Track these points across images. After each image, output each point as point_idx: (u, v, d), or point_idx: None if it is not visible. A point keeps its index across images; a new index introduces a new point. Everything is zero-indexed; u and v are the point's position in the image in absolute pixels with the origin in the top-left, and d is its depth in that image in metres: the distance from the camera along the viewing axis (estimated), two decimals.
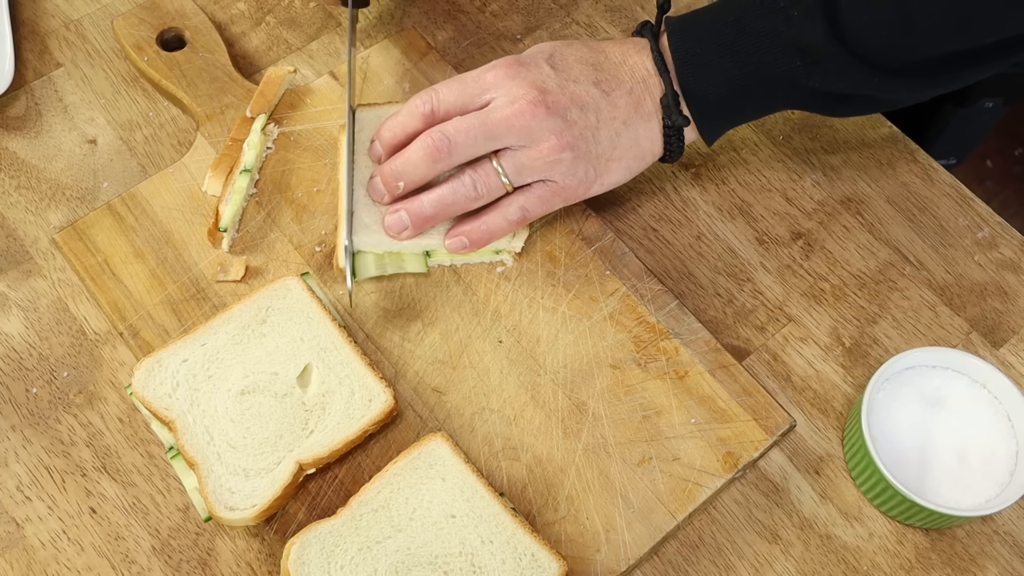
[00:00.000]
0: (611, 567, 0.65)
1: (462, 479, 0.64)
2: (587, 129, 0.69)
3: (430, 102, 0.70)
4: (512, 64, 0.69)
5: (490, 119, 0.68)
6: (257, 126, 0.77)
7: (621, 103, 0.70)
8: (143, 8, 0.84)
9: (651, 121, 0.71)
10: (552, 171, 0.69)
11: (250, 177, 0.75)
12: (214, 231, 0.74)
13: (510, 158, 0.69)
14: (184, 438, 0.65)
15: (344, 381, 0.67)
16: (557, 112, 0.68)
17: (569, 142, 0.68)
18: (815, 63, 0.67)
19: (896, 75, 0.68)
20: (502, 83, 0.69)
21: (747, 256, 0.78)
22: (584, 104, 0.69)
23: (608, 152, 0.70)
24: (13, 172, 0.79)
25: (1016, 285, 0.77)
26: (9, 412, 0.70)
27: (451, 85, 0.70)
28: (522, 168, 0.69)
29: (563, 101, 0.68)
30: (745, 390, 0.70)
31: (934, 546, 0.68)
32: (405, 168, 0.70)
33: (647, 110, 0.71)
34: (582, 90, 0.69)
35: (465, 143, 0.68)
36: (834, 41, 0.66)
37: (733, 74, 0.69)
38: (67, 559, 0.66)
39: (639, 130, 0.71)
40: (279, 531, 0.65)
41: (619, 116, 0.70)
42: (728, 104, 0.71)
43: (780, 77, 0.69)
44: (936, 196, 0.81)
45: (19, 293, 0.74)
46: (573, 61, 0.70)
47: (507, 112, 0.67)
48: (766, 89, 0.70)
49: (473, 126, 0.68)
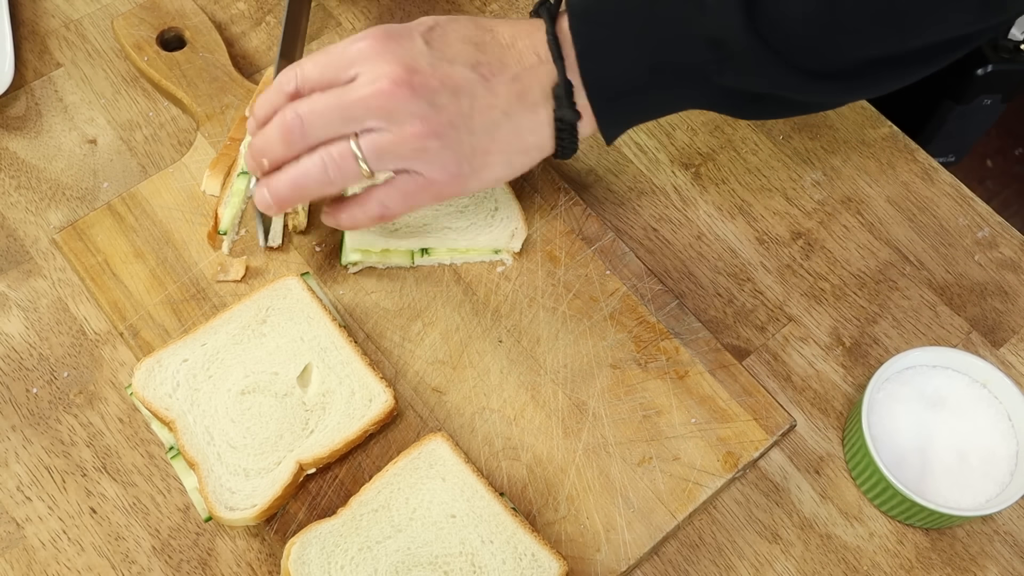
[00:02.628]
0: (611, 567, 0.65)
1: (462, 479, 0.64)
2: (458, 116, 0.62)
3: (294, 79, 0.64)
4: (382, 36, 0.62)
5: (347, 98, 0.61)
6: (253, 127, 0.77)
7: (502, 90, 0.63)
8: (143, 8, 0.84)
9: (537, 112, 0.64)
10: (417, 160, 0.63)
11: (248, 179, 0.75)
12: (214, 234, 0.74)
13: (368, 140, 0.62)
14: (184, 438, 0.65)
15: (344, 381, 0.68)
16: (424, 95, 0.61)
17: (435, 129, 0.62)
18: (729, 58, 0.61)
19: (815, 77, 0.62)
20: (368, 58, 0.62)
21: (747, 256, 0.78)
22: (457, 88, 0.62)
23: (485, 144, 0.64)
24: (13, 172, 0.79)
25: (1016, 285, 0.77)
26: (9, 412, 0.70)
27: (317, 59, 0.64)
28: (382, 152, 0.62)
29: (432, 83, 0.62)
30: (745, 390, 0.70)
31: (934, 546, 0.68)
32: (265, 146, 0.64)
33: (533, 99, 0.64)
34: (457, 72, 0.62)
35: (319, 124, 0.62)
36: (751, 34, 0.60)
37: (639, 65, 0.63)
38: (67, 559, 0.66)
39: (521, 121, 0.64)
40: (279, 531, 0.65)
41: (498, 105, 0.63)
42: (632, 99, 0.65)
43: (690, 71, 0.63)
44: (936, 196, 0.81)
45: (19, 293, 0.74)
46: (454, 38, 0.64)
47: (367, 91, 0.61)
48: (675, 84, 0.64)
49: (329, 106, 0.62)
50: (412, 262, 0.74)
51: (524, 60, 0.64)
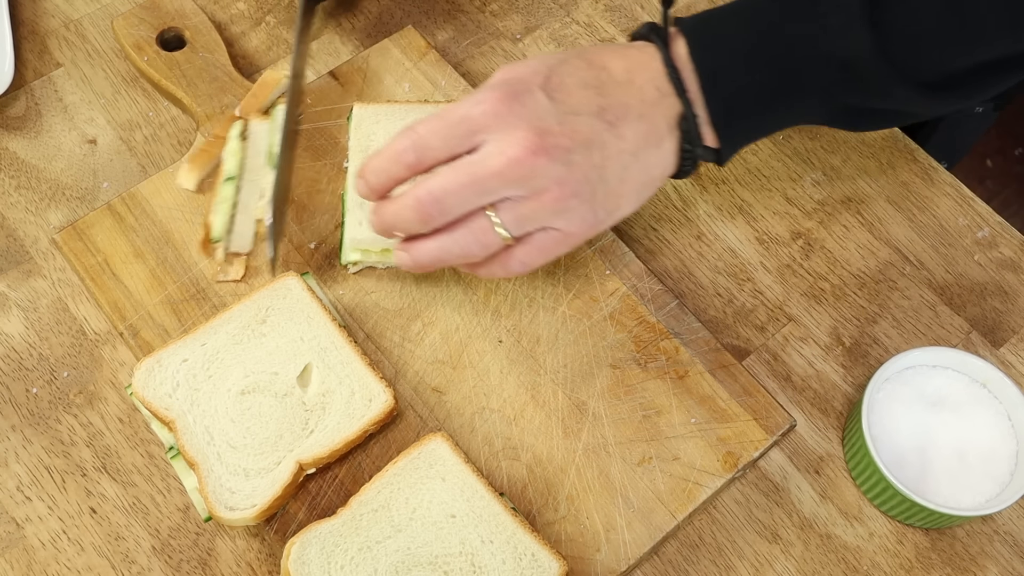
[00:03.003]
0: (611, 567, 0.65)
1: (462, 479, 0.64)
2: (592, 170, 0.61)
3: (413, 150, 0.61)
4: (504, 98, 0.60)
5: (482, 172, 0.59)
6: (234, 133, 0.76)
7: (629, 134, 0.62)
8: (143, 8, 0.84)
9: (662, 145, 0.63)
10: (556, 220, 0.62)
11: (235, 185, 0.75)
12: (207, 243, 0.73)
13: (508, 211, 0.61)
14: (184, 438, 0.65)
15: (344, 381, 0.67)
16: (558, 157, 0.59)
17: (573, 189, 0.60)
18: (855, 77, 0.60)
19: (933, 88, 0.62)
20: (493, 124, 0.59)
21: (747, 256, 0.78)
22: (588, 141, 0.60)
23: (616, 188, 0.62)
24: (13, 172, 0.79)
25: (1016, 285, 0.77)
26: (9, 412, 0.70)
27: (435, 127, 0.60)
28: (522, 220, 0.61)
29: (564, 142, 0.60)
30: (745, 390, 0.70)
31: (934, 546, 0.68)
32: (398, 222, 0.63)
33: (658, 135, 0.63)
34: (584, 124, 0.60)
35: (456, 203, 0.60)
36: (878, 54, 0.59)
37: (764, 90, 0.62)
38: (67, 559, 0.66)
39: (649, 159, 0.63)
40: (279, 531, 0.65)
41: (627, 148, 0.62)
42: (752, 120, 0.64)
43: (813, 91, 0.62)
44: (936, 196, 0.81)
45: (19, 293, 0.74)
46: (573, 85, 0.61)
47: (500, 162, 0.59)
48: (795, 104, 0.63)
49: (464, 184, 0.59)
50: None
51: (645, 96, 0.62)
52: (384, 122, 0.76)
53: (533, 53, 0.87)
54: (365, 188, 0.64)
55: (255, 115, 0.78)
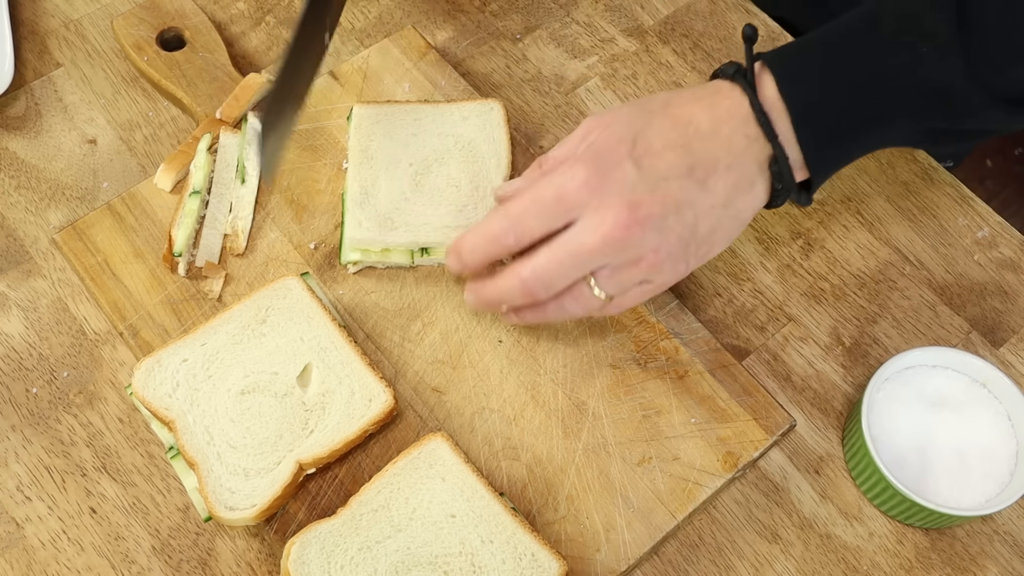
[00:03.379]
0: (611, 567, 0.65)
1: (462, 479, 0.64)
2: (685, 230, 0.62)
3: (512, 233, 0.62)
4: (593, 171, 0.61)
5: (580, 250, 0.61)
6: (202, 147, 0.76)
7: (719, 187, 0.62)
8: (143, 8, 0.84)
9: (753, 189, 0.64)
10: (651, 277, 0.64)
11: (200, 199, 0.75)
12: (169, 256, 0.73)
13: (607, 279, 0.63)
14: (184, 438, 0.65)
15: (344, 381, 0.67)
16: (652, 226, 0.61)
17: (668, 252, 0.62)
18: (946, 103, 0.61)
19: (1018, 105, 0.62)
20: (586, 200, 0.61)
21: (747, 256, 0.78)
22: (679, 205, 0.61)
23: (708, 237, 0.64)
24: (13, 172, 0.79)
25: (1016, 285, 0.77)
26: (9, 412, 0.70)
27: (528, 207, 0.62)
28: (620, 284, 0.63)
29: (657, 211, 0.61)
30: (745, 390, 0.70)
31: (934, 546, 0.68)
32: (503, 298, 0.65)
33: (749, 180, 0.63)
34: (675, 188, 0.61)
35: (558, 279, 0.62)
36: (970, 79, 0.59)
37: (853, 122, 0.62)
38: (67, 559, 0.66)
39: (740, 205, 0.64)
40: (279, 531, 0.65)
41: (718, 202, 0.63)
42: (842, 151, 0.65)
43: (904, 118, 0.62)
44: (936, 196, 0.81)
45: (19, 293, 0.74)
46: (660, 148, 0.62)
47: (596, 240, 0.60)
48: (885, 131, 0.64)
49: (564, 263, 0.61)
50: (412, 262, 0.74)
51: (734, 145, 0.63)
52: (384, 122, 0.77)
53: (533, 53, 0.87)
54: (459, 265, 0.66)
55: (227, 128, 0.78)
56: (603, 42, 0.88)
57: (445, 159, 0.76)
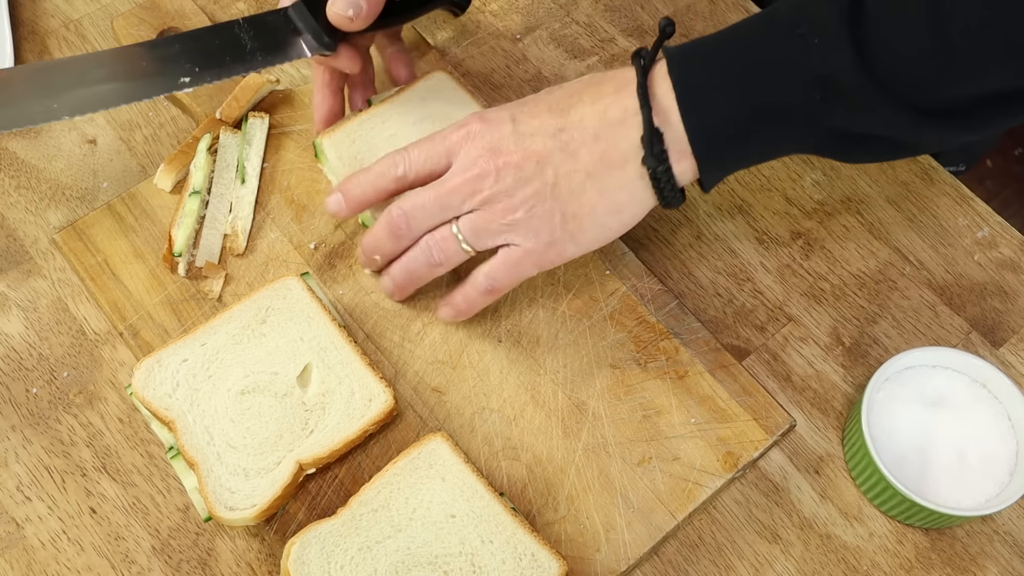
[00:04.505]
0: (611, 567, 0.65)
1: (462, 479, 0.64)
2: (543, 186, 0.64)
3: (402, 165, 0.68)
4: (475, 121, 0.66)
5: (443, 189, 0.66)
6: (202, 147, 0.76)
7: (583, 154, 0.64)
8: (143, 8, 0.84)
9: (625, 168, 0.64)
10: (511, 233, 0.65)
11: (200, 199, 0.75)
12: (169, 256, 0.73)
13: (466, 221, 0.66)
14: (184, 438, 0.65)
15: (344, 381, 0.68)
16: (508, 172, 0.64)
17: (521, 201, 0.64)
18: (837, 96, 0.59)
19: (928, 115, 0.59)
20: (461, 146, 0.66)
21: (747, 256, 0.78)
22: (540, 159, 0.64)
23: (573, 209, 0.65)
24: (13, 172, 0.79)
25: (1016, 285, 0.77)
26: (9, 412, 0.70)
27: (422, 147, 0.67)
28: (478, 231, 0.66)
29: (515, 159, 0.64)
30: (745, 390, 0.70)
31: (934, 546, 0.68)
32: (375, 244, 0.70)
33: (619, 156, 0.64)
34: (539, 144, 0.65)
35: (422, 217, 0.67)
36: (861, 71, 0.58)
37: (741, 109, 0.61)
38: (67, 559, 0.66)
39: (607, 181, 0.64)
40: (279, 531, 0.65)
41: (580, 168, 0.64)
42: (734, 144, 0.63)
43: (796, 113, 0.61)
44: (936, 196, 0.81)
45: (19, 293, 0.74)
46: (542, 110, 0.66)
47: (458, 180, 0.65)
48: (778, 127, 0.62)
49: (428, 199, 0.66)
50: None
51: (609, 116, 0.64)
52: (360, 140, 0.75)
53: (533, 53, 0.87)
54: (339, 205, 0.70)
55: (227, 128, 0.78)
56: (603, 42, 0.88)
57: None
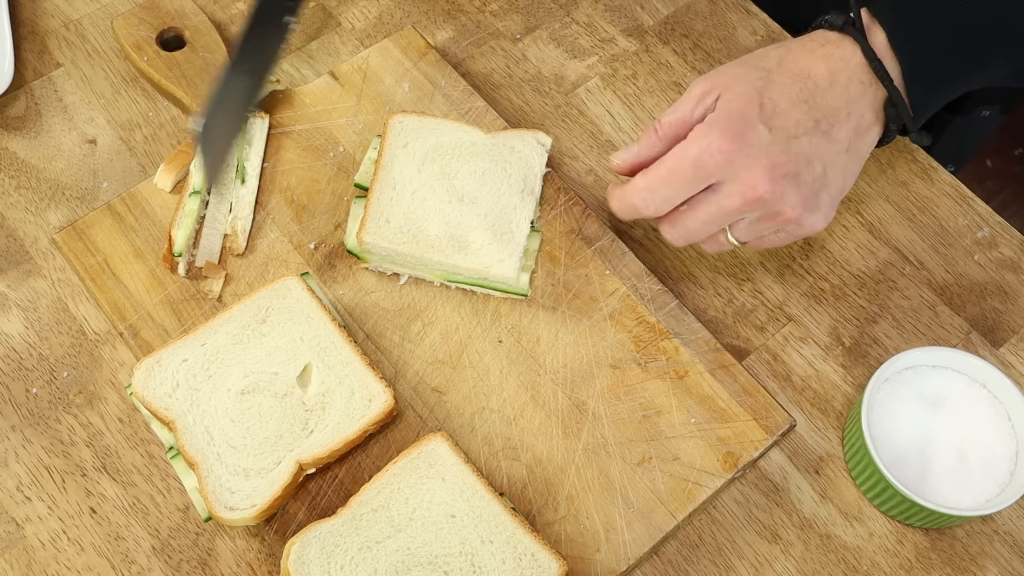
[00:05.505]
0: (611, 567, 0.65)
1: (462, 479, 0.64)
2: (817, 180, 0.67)
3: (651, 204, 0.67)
4: (732, 139, 0.64)
5: (723, 212, 0.66)
6: None
7: (842, 135, 0.67)
8: (143, 8, 0.84)
9: (871, 131, 0.69)
10: (787, 227, 0.68)
11: (200, 199, 0.75)
12: (169, 256, 0.73)
13: (743, 230, 0.68)
14: (184, 438, 0.65)
15: (344, 381, 0.67)
16: (789, 184, 0.65)
17: (803, 203, 0.66)
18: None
19: None
20: (726, 168, 0.64)
21: (747, 256, 0.78)
22: (810, 158, 0.66)
23: (838, 185, 0.68)
24: (13, 172, 0.79)
25: (1016, 285, 0.77)
26: (9, 412, 0.70)
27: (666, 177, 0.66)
28: (757, 233, 0.68)
29: (791, 169, 0.65)
30: (745, 390, 0.70)
31: (934, 546, 0.68)
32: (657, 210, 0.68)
33: (867, 123, 0.68)
34: (805, 144, 0.66)
35: (698, 234, 0.68)
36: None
37: (956, 70, 0.68)
38: (67, 559, 0.66)
39: (861, 146, 0.69)
40: (279, 531, 0.65)
41: (841, 148, 0.67)
42: (943, 95, 0.70)
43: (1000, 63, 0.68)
44: (936, 196, 0.81)
45: (19, 293, 0.74)
46: (786, 106, 0.66)
47: (738, 202, 0.65)
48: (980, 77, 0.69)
49: (705, 221, 0.67)
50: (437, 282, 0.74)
51: (851, 93, 0.67)
52: (420, 139, 0.76)
53: (533, 53, 0.87)
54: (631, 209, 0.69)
55: None
56: (603, 42, 0.88)
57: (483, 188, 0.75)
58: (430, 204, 0.72)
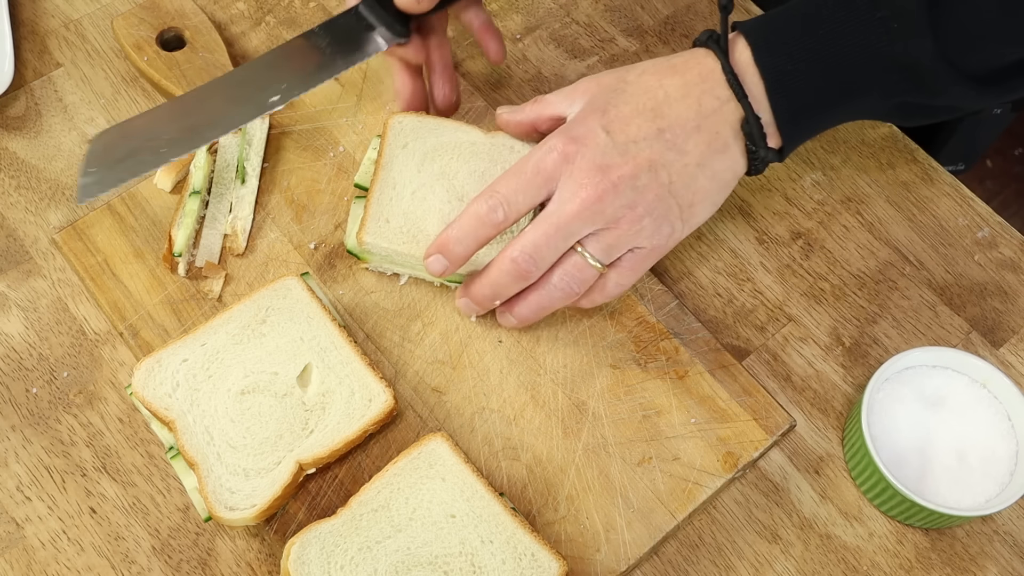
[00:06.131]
0: (611, 567, 0.65)
1: (462, 479, 0.64)
2: (660, 188, 0.65)
3: (500, 209, 0.65)
4: (568, 142, 0.65)
5: (562, 219, 0.64)
6: (202, 147, 0.76)
7: (691, 147, 0.65)
8: (143, 8, 0.84)
9: (728, 150, 0.66)
10: (637, 239, 0.66)
11: (200, 199, 0.75)
12: (169, 256, 0.73)
13: (594, 243, 0.65)
14: (184, 438, 0.65)
15: (344, 381, 0.68)
16: (625, 186, 0.64)
17: (645, 210, 0.65)
18: (916, 78, 0.64)
19: (985, 83, 0.65)
20: (562, 170, 0.64)
21: (747, 256, 0.78)
22: (652, 164, 0.65)
23: (688, 199, 0.66)
24: (13, 172, 0.79)
25: (1016, 285, 0.77)
26: (9, 412, 0.70)
27: (512, 184, 0.65)
28: (609, 248, 0.66)
29: (627, 171, 0.64)
30: (745, 390, 0.70)
31: (934, 546, 0.68)
32: (496, 291, 0.67)
33: (722, 141, 0.66)
34: (646, 149, 0.65)
35: (547, 253, 0.65)
36: (939, 57, 0.62)
37: (824, 91, 0.65)
38: (67, 559, 0.66)
39: (715, 165, 0.66)
40: (279, 531, 0.65)
41: (691, 161, 0.66)
42: (815, 121, 0.68)
43: (874, 91, 0.65)
44: (936, 196, 0.81)
45: (19, 293, 0.74)
46: (629, 114, 0.65)
47: (575, 206, 0.64)
48: (854, 104, 0.66)
49: (548, 233, 0.64)
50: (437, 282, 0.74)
51: (703, 107, 0.66)
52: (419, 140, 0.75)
53: (533, 53, 0.87)
54: (442, 263, 0.67)
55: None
56: (603, 42, 0.88)
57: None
58: (430, 204, 0.72)
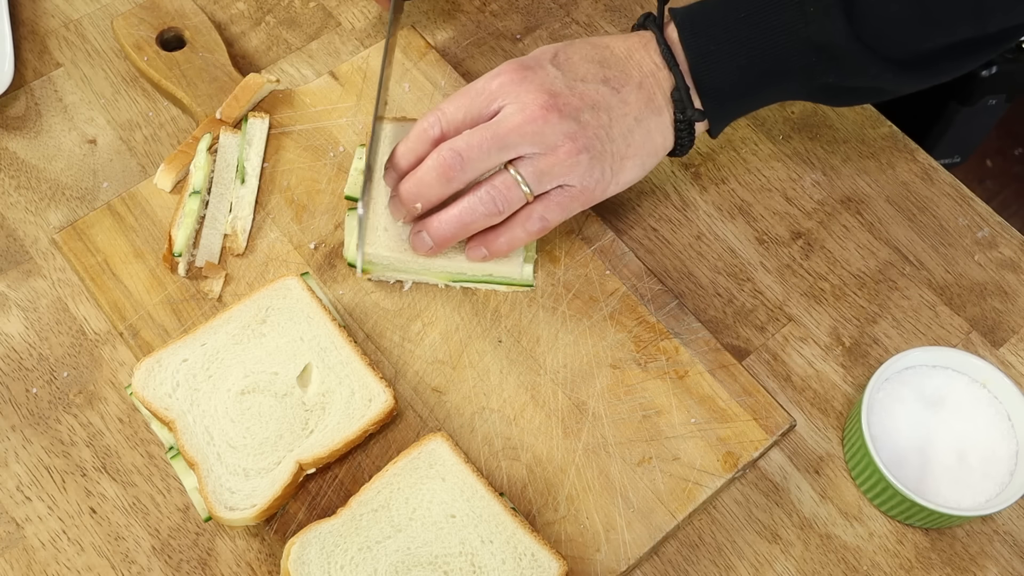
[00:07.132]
0: (611, 567, 0.65)
1: (462, 479, 0.64)
2: (600, 129, 0.67)
3: (438, 123, 0.67)
4: (517, 68, 0.67)
5: (501, 129, 0.65)
6: (202, 147, 0.76)
7: (632, 99, 0.68)
8: (143, 8, 0.84)
9: (662, 115, 0.69)
10: (570, 175, 0.67)
11: (200, 199, 0.75)
12: (169, 256, 0.73)
13: (528, 165, 0.66)
14: (184, 438, 0.65)
15: (344, 381, 0.68)
16: (569, 114, 0.66)
17: (584, 144, 0.66)
18: (832, 59, 0.67)
19: (906, 66, 0.68)
20: (509, 90, 0.66)
21: (747, 256, 0.78)
22: (595, 103, 0.67)
23: (622, 150, 0.68)
24: (13, 172, 0.79)
25: (1016, 285, 0.77)
26: (9, 412, 0.70)
27: (457, 101, 0.68)
28: (541, 175, 0.66)
29: (574, 102, 0.66)
30: (745, 390, 0.70)
31: (934, 546, 0.68)
32: (420, 189, 0.67)
33: (658, 104, 0.69)
34: (592, 89, 0.67)
35: (478, 157, 0.65)
36: (853, 39, 0.65)
37: (747, 70, 0.68)
38: (67, 559, 0.66)
39: (651, 124, 0.69)
40: (279, 531, 0.65)
41: (630, 112, 0.68)
42: (739, 99, 0.71)
43: (793, 72, 0.68)
44: (936, 196, 0.81)
45: (19, 293, 0.74)
46: (578, 60, 0.69)
47: (518, 120, 0.65)
48: (778, 84, 0.70)
49: (484, 138, 0.65)
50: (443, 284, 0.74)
51: (644, 68, 0.69)
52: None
53: None
54: (392, 174, 0.70)
55: (227, 128, 0.78)
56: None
57: None
58: None
